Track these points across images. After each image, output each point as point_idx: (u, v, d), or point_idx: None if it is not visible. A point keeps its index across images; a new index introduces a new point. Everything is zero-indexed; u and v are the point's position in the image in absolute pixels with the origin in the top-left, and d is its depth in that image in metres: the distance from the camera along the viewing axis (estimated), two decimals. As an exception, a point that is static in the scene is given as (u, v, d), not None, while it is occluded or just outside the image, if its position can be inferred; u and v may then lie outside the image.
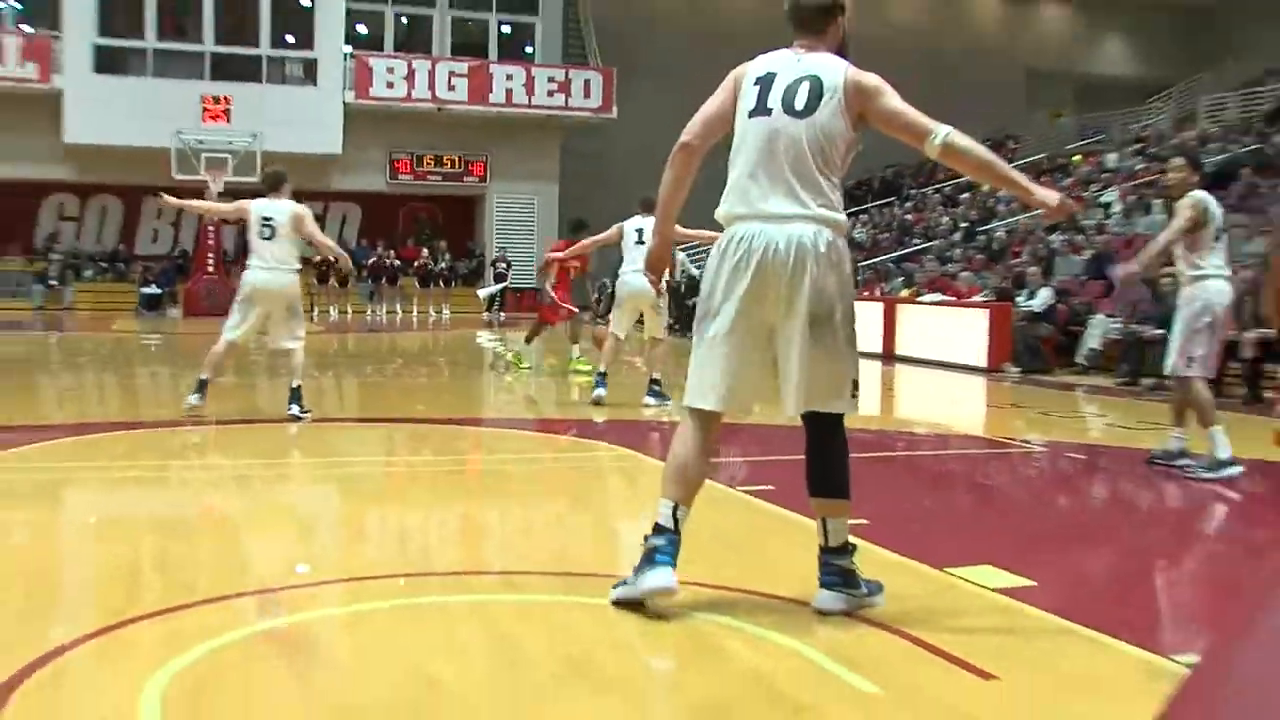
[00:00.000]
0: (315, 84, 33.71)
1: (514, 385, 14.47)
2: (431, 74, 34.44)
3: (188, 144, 31.48)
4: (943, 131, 4.45)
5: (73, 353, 19.49)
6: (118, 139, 31.44)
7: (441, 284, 35.37)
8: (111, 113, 31.35)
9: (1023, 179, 4.63)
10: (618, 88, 35.06)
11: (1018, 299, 18.09)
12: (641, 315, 11.76)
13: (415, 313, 34.02)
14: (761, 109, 4.50)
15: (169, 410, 10.57)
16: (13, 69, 31.74)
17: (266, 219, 9.94)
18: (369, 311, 33.30)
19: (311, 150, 32.44)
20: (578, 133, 36.55)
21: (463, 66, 34.76)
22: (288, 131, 31.77)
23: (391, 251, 35.37)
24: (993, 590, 4.87)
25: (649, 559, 4.41)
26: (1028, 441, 10.18)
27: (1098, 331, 16.74)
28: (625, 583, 4.49)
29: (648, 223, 10.77)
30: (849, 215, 5.12)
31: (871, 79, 4.52)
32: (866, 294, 20.41)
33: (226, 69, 33.13)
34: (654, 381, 11.64)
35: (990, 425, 11.93)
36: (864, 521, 6.38)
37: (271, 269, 9.92)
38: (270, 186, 10.15)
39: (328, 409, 11.18)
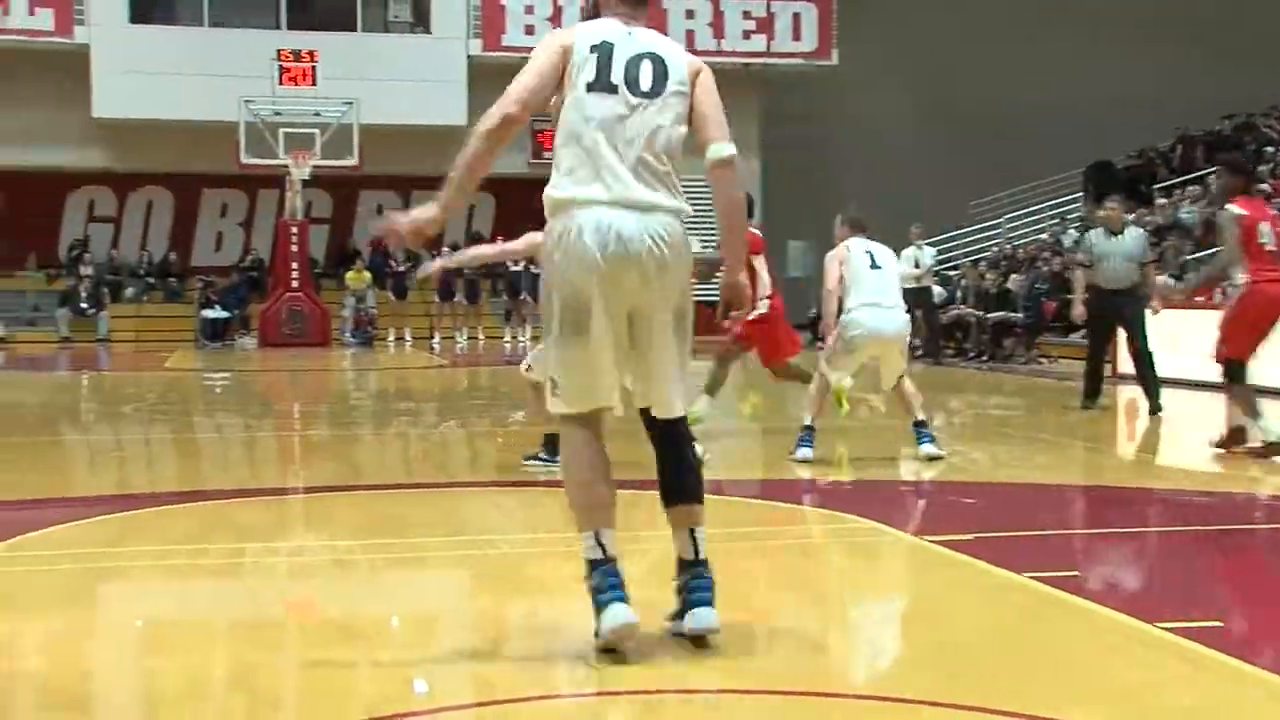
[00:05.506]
0: (429, 31, 34.18)
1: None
2: (585, 12, 34.56)
3: (259, 116, 31.89)
4: (732, 147, 5.80)
5: (111, 399, 19.98)
6: (165, 111, 32.02)
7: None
8: (155, 77, 31.96)
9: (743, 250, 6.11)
10: (839, 25, 34.74)
11: None
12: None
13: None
14: (603, 85, 5.47)
15: (241, 476, 10.72)
16: (21, 19, 31.80)
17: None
18: (506, 335, 33.53)
19: (425, 121, 32.29)
20: (784, 88, 36.35)
21: (627, 1, 34.95)
22: (393, 97, 32.23)
23: (539, 258, 34.91)
24: None
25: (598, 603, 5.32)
26: None
27: None
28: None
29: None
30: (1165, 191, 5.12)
31: (697, 59, 5.77)
32: (1204, 298, 19.24)
33: (309, 14, 33.66)
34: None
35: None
36: (1217, 624, 6.14)
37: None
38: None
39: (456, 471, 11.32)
